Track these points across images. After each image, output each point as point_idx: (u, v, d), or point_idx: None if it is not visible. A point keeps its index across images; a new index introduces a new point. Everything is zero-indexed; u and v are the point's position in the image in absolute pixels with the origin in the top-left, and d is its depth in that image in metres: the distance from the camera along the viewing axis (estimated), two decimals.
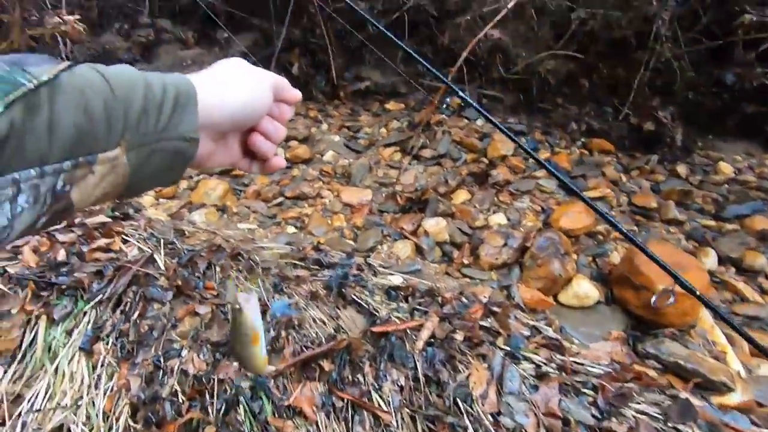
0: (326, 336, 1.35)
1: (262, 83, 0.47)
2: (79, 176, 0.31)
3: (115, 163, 0.33)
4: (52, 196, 0.30)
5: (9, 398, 1.24)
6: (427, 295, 1.50)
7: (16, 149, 0.27)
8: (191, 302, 1.44)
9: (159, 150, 0.37)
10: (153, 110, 0.35)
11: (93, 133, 0.31)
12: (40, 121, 0.28)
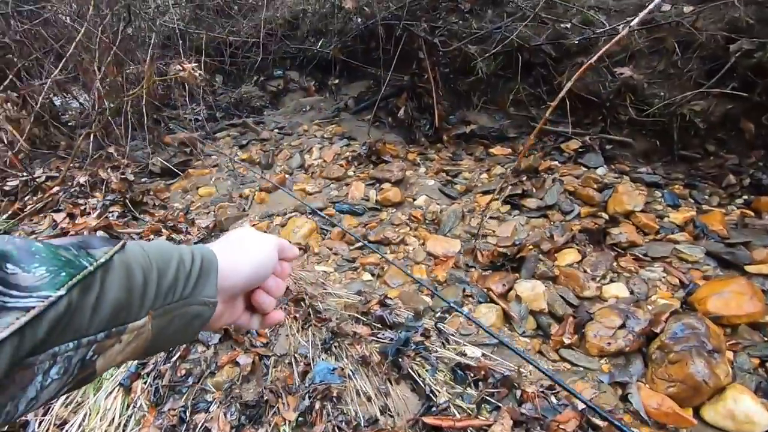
0: (367, 417, 1.10)
1: (268, 246, 0.51)
2: (107, 346, 0.32)
3: (141, 331, 0.35)
4: (81, 366, 0.31)
5: (57, 422, 1.25)
6: (504, 385, 1.16)
7: (65, 328, 0.28)
8: (237, 348, 1.34)
9: (180, 314, 0.39)
10: (182, 280, 0.39)
11: (129, 306, 0.33)
12: (90, 300, 0.30)
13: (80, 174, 2.59)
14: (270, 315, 0.53)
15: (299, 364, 1.28)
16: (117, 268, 0.32)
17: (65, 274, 0.28)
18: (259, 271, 0.49)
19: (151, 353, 0.41)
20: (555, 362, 1.53)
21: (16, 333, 0.25)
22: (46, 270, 0.28)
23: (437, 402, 1.12)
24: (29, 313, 0.26)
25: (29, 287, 0.26)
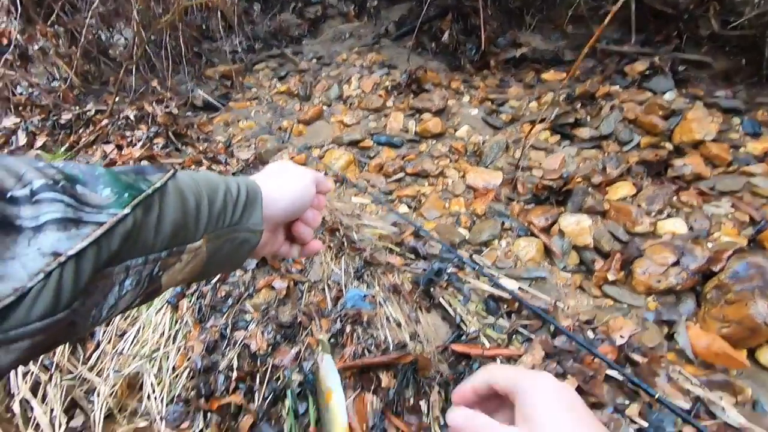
0: (396, 342, 1.12)
1: (306, 179, 0.53)
2: (170, 263, 0.36)
3: (197, 252, 0.39)
4: (149, 279, 0.35)
5: (118, 332, 1.38)
6: (538, 317, 1.13)
7: (134, 243, 0.32)
8: (274, 274, 1.38)
9: (230, 240, 0.43)
10: (230, 208, 0.42)
11: (186, 227, 0.37)
12: (152, 219, 0.33)
13: (127, 108, 2.67)
14: (308, 245, 0.57)
15: (332, 290, 1.30)
16: (171, 192, 0.35)
17: (128, 194, 0.31)
18: (299, 202, 0.51)
19: (206, 275, 0.45)
20: (596, 298, 1.46)
21: (95, 243, 0.28)
22: (111, 191, 0.30)
23: (467, 331, 1.11)
24: (103, 226, 0.29)
25: (99, 205, 0.29)
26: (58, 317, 0.26)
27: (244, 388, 1.06)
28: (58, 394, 1.25)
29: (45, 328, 0.26)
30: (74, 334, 0.31)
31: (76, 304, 0.28)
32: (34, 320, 0.25)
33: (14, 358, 0.25)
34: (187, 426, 1.05)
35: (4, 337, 0.24)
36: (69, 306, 0.27)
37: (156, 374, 1.18)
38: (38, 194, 0.26)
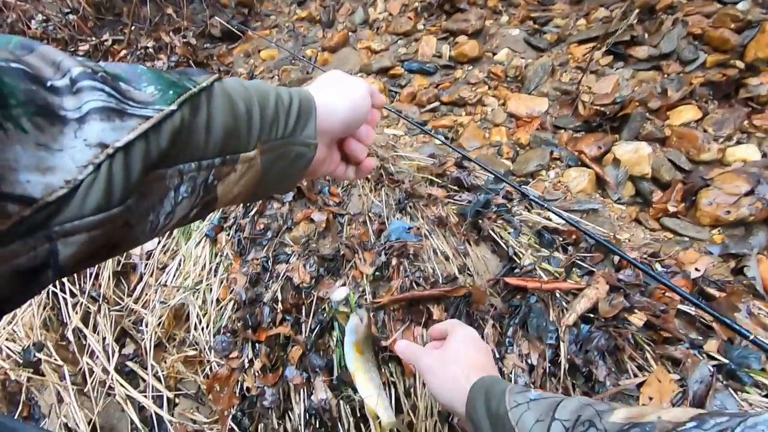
0: (444, 275, 1.07)
1: (362, 90, 0.49)
2: (224, 173, 0.35)
3: (252, 164, 0.37)
4: (204, 188, 0.34)
5: (159, 265, 1.38)
6: (599, 250, 1.05)
7: (184, 144, 0.30)
8: (311, 207, 1.32)
9: (284, 154, 0.41)
10: (282, 117, 0.40)
11: (237, 133, 0.35)
12: (201, 120, 0.32)
13: (145, 38, 2.53)
14: (363, 163, 0.54)
15: (374, 222, 1.24)
16: (219, 94, 0.34)
17: (173, 92, 0.30)
18: (355, 114, 0.48)
19: (261, 193, 0.43)
20: (654, 231, 1.37)
21: (143, 137, 0.27)
22: (155, 88, 0.29)
23: (521, 264, 1.05)
24: (150, 120, 0.27)
25: (143, 101, 0.28)
26: (113, 213, 0.26)
27: (290, 320, 1.04)
28: (107, 324, 1.27)
29: (100, 223, 0.25)
30: (134, 238, 0.30)
31: (129, 201, 0.27)
32: (88, 213, 0.25)
33: (73, 251, 0.25)
34: (236, 356, 1.06)
35: (61, 229, 0.24)
36: (122, 202, 0.26)
37: (201, 306, 1.18)
38: (78, 82, 0.25)
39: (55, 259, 0.25)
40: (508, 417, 0.45)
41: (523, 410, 0.45)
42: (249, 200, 0.45)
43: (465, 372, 0.56)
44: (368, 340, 0.80)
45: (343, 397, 0.93)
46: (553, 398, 0.45)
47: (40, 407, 1.30)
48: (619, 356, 0.84)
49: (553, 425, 0.41)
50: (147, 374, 1.16)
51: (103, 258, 0.31)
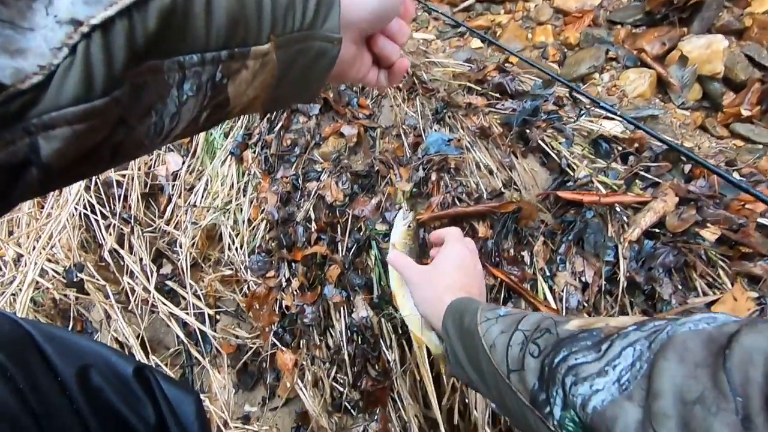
0: (489, 190, 0.98)
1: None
2: (234, 69, 0.30)
3: (266, 60, 0.32)
4: (212, 87, 0.30)
5: (186, 186, 1.34)
6: (667, 158, 0.93)
7: (179, 30, 0.26)
8: (340, 120, 1.22)
9: (304, 50, 0.35)
10: (299, 5, 0.33)
11: (245, 22, 0.30)
12: (198, 2, 0.26)
13: None
14: (396, 65, 0.46)
15: (408, 135, 1.14)
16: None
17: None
18: (387, 4, 0.40)
19: (282, 99, 0.38)
20: (722, 139, 1.22)
21: (124, 14, 0.22)
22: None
23: (574, 176, 0.95)
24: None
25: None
26: (96, 105, 0.23)
27: (326, 239, 1.00)
28: (142, 245, 1.27)
29: (83, 116, 0.22)
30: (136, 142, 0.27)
31: (117, 93, 0.24)
32: (65, 104, 0.22)
33: (57, 147, 0.22)
34: (272, 275, 1.04)
35: (39, 121, 0.21)
36: (107, 93, 0.23)
37: (232, 226, 1.15)
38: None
39: (38, 155, 0.22)
40: (477, 331, 0.47)
41: (491, 324, 0.47)
42: (270, 108, 0.39)
43: (445, 292, 0.60)
44: (413, 253, 0.75)
45: (384, 315, 0.91)
46: (520, 313, 0.47)
47: (91, 323, 1.36)
48: (688, 273, 0.77)
49: (515, 335, 0.43)
50: (186, 293, 1.18)
51: (107, 163, 0.27)
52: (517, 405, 0.40)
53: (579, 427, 0.33)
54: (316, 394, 0.94)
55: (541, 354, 0.38)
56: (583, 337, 0.36)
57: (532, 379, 0.37)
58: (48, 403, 0.44)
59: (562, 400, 0.34)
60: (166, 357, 1.26)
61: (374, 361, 0.89)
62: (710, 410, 0.24)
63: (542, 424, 0.36)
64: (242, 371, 1.16)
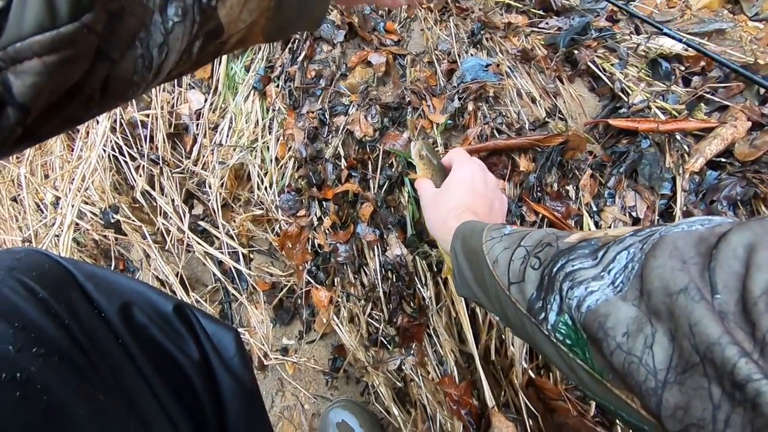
0: (532, 120, 0.91)
1: None
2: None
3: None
4: (200, 11, 0.26)
5: (210, 125, 1.30)
6: (738, 78, 0.82)
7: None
8: (366, 48, 1.13)
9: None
10: None
11: None
12: None
13: None
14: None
15: (442, 62, 1.04)
16: None
17: None
18: None
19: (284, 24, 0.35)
20: None
21: None
22: None
23: (629, 102, 0.86)
24: None
25: None
26: (63, 31, 0.20)
27: (357, 177, 0.96)
28: (173, 187, 1.27)
29: (51, 45, 0.20)
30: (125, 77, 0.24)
31: (88, 18, 0.21)
32: (28, 32, 0.19)
33: (31, 83, 0.20)
34: (303, 214, 1.02)
35: (4, 54, 0.19)
36: (76, 18, 0.20)
37: (260, 165, 1.12)
38: None
39: (10, 93, 0.20)
40: (482, 249, 0.48)
41: (495, 242, 0.47)
42: (272, 37, 0.35)
43: (449, 214, 0.61)
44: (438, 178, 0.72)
45: (419, 253, 0.89)
46: (524, 231, 0.46)
47: (132, 262, 1.41)
48: (756, 206, 0.70)
49: (517, 250, 0.44)
50: (219, 233, 1.18)
51: (99, 104, 0.25)
52: (515, 315, 0.41)
53: (571, 329, 0.34)
54: (352, 330, 0.96)
55: (541, 266, 0.39)
56: (582, 246, 0.36)
57: (531, 289, 0.39)
58: (95, 338, 0.45)
59: (558, 305, 0.35)
60: (205, 294, 1.30)
61: (409, 299, 0.88)
62: (693, 298, 0.24)
63: (537, 329, 0.37)
64: (278, 307, 1.19)
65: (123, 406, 0.42)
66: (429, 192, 0.70)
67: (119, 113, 1.24)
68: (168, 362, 0.49)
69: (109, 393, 0.41)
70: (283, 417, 1.15)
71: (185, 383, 0.49)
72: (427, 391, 0.85)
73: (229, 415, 0.51)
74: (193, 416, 0.48)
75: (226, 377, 0.52)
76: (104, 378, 0.42)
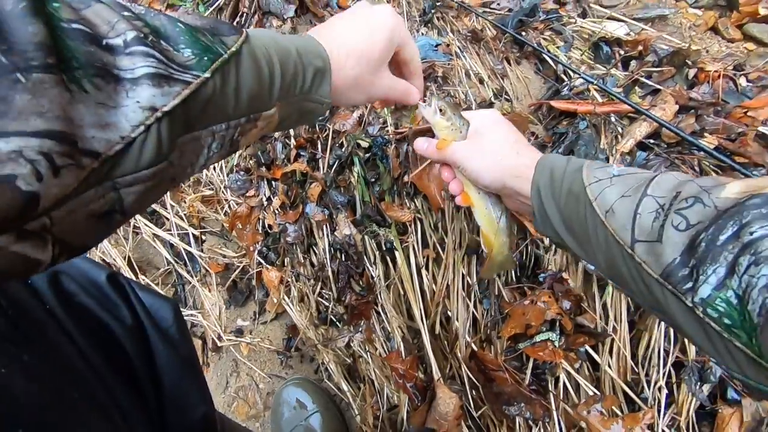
0: (479, 100, 0.92)
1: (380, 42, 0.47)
2: (247, 129, 0.38)
3: (271, 119, 0.40)
4: (231, 143, 0.37)
5: None
6: (671, 63, 0.86)
7: (215, 108, 0.33)
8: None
9: (299, 108, 0.44)
10: (300, 77, 0.42)
11: (261, 95, 0.38)
12: (230, 87, 0.34)
13: None
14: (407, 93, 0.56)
15: None
16: (246, 58, 0.35)
17: (207, 58, 0.32)
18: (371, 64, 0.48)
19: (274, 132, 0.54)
20: (733, 42, 1.13)
21: (185, 100, 0.29)
22: (191, 52, 0.31)
23: (571, 85, 0.88)
24: (189, 87, 0.30)
25: (183, 65, 0.30)
26: (161, 167, 0.29)
27: (306, 156, 0.95)
28: None
29: (152, 176, 0.29)
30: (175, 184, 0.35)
31: (173, 157, 0.31)
32: (143, 167, 0.28)
33: (135, 198, 0.29)
34: (253, 194, 1.01)
35: (123, 180, 0.27)
36: (167, 158, 0.30)
37: None
38: (131, 46, 0.27)
39: (121, 205, 0.28)
40: (586, 192, 0.41)
41: (605, 186, 0.40)
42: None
43: (515, 149, 0.53)
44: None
45: (367, 232, 0.90)
46: (642, 173, 0.40)
47: None
48: None
49: (644, 201, 0.37)
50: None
51: (154, 201, 0.35)
52: (635, 275, 0.37)
53: (734, 309, 0.29)
54: (302, 309, 0.96)
55: (691, 227, 0.33)
56: (755, 204, 0.30)
57: (673, 254, 0.33)
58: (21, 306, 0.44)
59: (720, 279, 0.30)
60: (157, 277, 1.27)
61: (358, 277, 0.90)
62: None
63: (675, 299, 0.33)
64: (232, 288, 1.18)
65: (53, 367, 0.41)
66: (462, 144, 0.56)
67: None
68: (98, 327, 0.49)
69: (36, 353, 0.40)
70: (237, 397, 1.15)
71: (117, 347, 0.49)
72: (375, 367, 0.87)
73: (164, 380, 0.51)
74: (127, 380, 0.48)
75: (160, 344, 0.52)
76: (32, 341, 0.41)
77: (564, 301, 0.77)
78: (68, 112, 0.23)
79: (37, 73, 0.22)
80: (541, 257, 0.83)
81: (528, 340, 0.79)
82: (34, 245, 0.24)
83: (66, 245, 0.26)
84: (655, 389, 0.75)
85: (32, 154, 0.22)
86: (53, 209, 0.24)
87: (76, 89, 0.24)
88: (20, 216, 0.22)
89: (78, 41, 0.25)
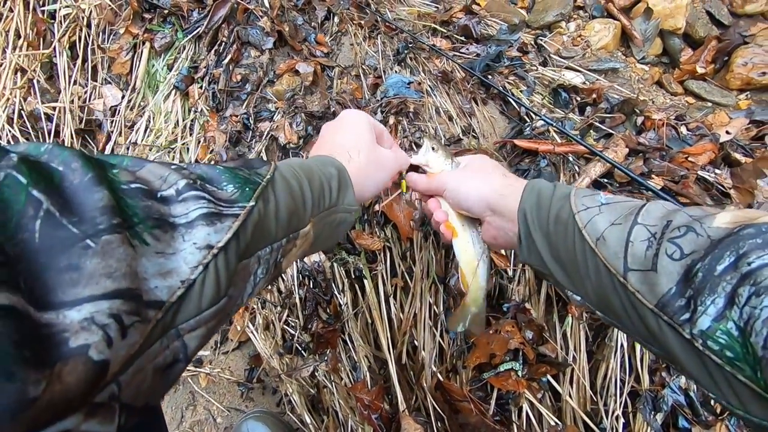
0: (447, 136, 0.97)
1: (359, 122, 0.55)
2: (288, 249, 0.40)
3: (307, 237, 0.43)
4: (275, 266, 0.39)
5: (127, 123, 1.23)
6: (622, 110, 0.94)
7: (261, 232, 0.35)
8: (296, 57, 1.14)
9: (330, 222, 0.46)
10: (327, 192, 0.45)
11: (297, 213, 0.40)
12: (271, 208, 0.36)
13: None
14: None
15: (368, 76, 1.08)
16: (279, 180, 0.39)
17: (249, 189, 0.34)
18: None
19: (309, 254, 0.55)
20: (675, 95, 1.25)
21: (235, 234, 0.31)
22: (234, 187, 0.33)
23: (533, 125, 0.94)
24: (239, 218, 0.32)
25: (228, 200, 0.32)
26: (221, 304, 0.30)
27: None
28: None
29: (214, 315, 0.29)
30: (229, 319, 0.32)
31: (231, 291, 0.31)
32: (205, 307, 0.29)
33: (197, 343, 0.29)
34: None
35: (187, 325, 0.28)
36: (226, 293, 0.30)
37: None
38: (183, 193, 0.29)
39: (185, 352, 0.28)
40: (574, 220, 0.40)
41: (594, 213, 0.39)
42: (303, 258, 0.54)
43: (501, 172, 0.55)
44: None
45: (336, 259, 0.90)
46: (631, 201, 0.40)
47: None
48: None
49: (635, 230, 0.36)
50: None
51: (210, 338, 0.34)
52: (629, 304, 0.35)
53: (736, 341, 0.28)
54: (267, 337, 0.94)
55: (686, 257, 0.32)
56: (750, 234, 0.29)
57: (668, 283, 0.32)
58: None
59: (719, 310, 0.29)
60: None
61: (325, 305, 0.89)
62: None
63: (672, 330, 0.32)
64: None
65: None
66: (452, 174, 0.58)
67: (19, 103, 1.14)
68: None
69: None
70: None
71: None
72: (339, 397, 0.86)
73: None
74: None
75: None
76: None
77: (527, 331, 0.79)
78: (133, 267, 0.24)
79: (105, 235, 0.23)
80: (506, 287, 0.86)
81: (492, 370, 0.80)
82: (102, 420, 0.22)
83: (132, 410, 0.25)
84: (612, 419, 0.77)
85: (103, 319, 0.21)
86: (121, 373, 0.23)
87: (138, 243, 0.25)
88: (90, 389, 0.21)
89: (137, 198, 0.26)
